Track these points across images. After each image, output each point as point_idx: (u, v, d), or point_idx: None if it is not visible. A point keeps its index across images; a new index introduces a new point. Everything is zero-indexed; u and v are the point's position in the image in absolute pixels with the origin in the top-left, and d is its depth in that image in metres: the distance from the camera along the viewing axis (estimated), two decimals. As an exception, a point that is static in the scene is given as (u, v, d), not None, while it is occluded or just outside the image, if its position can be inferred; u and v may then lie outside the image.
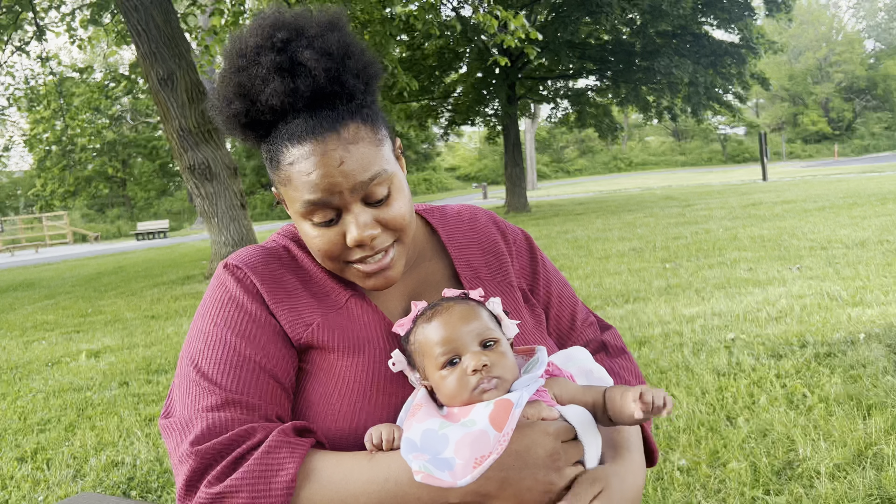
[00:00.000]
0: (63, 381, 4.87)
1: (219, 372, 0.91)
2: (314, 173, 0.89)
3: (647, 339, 4.43)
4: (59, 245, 31.80)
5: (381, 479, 0.83)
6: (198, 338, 0.96)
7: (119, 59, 38.38)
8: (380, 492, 0.82)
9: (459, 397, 0.88)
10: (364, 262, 0.96)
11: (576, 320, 1.20)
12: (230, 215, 9.42)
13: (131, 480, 2.99)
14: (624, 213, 15.64)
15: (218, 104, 0.95)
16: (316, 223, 0.94)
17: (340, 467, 0.85)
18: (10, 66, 14.74)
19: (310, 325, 0.97)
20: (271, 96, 0.89)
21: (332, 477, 0.84)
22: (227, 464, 0.83)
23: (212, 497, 0.82)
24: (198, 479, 0.84)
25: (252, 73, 0.90)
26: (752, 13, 17.93)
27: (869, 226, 8.84)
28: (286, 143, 0.91)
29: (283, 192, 0.96)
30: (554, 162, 61.41)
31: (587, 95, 22.06)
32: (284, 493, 0.81)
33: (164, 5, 8.90)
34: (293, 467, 0.83)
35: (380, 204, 0.94)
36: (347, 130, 0.91)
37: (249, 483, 0.82)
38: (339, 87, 0.92)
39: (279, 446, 0.84)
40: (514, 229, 1.22)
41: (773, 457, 2.58)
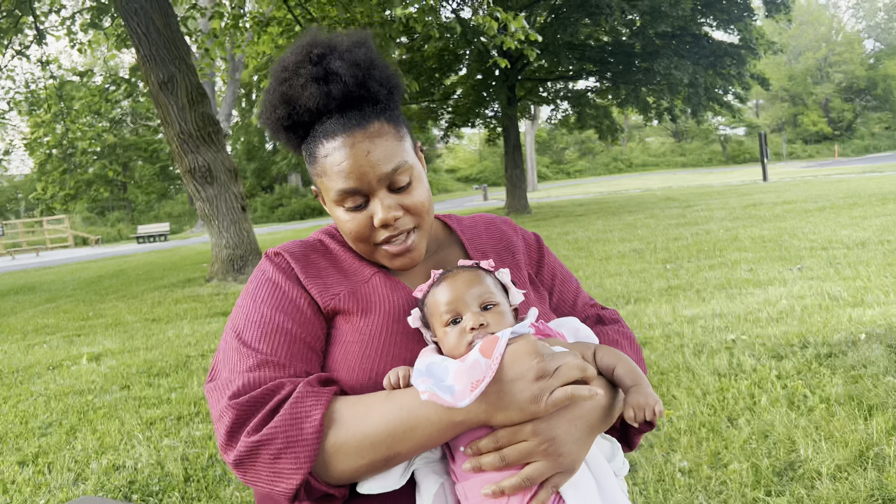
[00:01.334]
0: (64, 385, 4.87)
1: (255, 339, 1.04)
2: (345, 163, 1.06)
3: (648, 340, 4.43)
4: (60, 248, 31.81)
5: (396, 407, 0.94)
6: (239, 313, 1.11)
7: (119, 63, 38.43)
8: (396, 418, 0.93)
9: (457, 350, 0.98)
10: (390, 243, 1.11)
11: (577, 303, 1.32)
12: (231, 218, 9.43)
13: (132, 484, 2.99)
14: (624, 214, 15.64)
15: (265, 112, 1.13)
16: (348, 209, 1.09)
17: (360, 405, 0.96)
18: (11, 70, 14.68)
19: (337, 295, 1.11)
20: (308, 100, 1.07)
21: (354, 415, 0.95)
22: (264, 415, 0.94)
23: (252, 445, 0.93)
24: (238, 430, 0.95)
25: (293, 83, 1.08)
26: (752, 14, 17.93)
27: (869, 226, 8.83)
28: (321, 139, 1.08)
29: (320, 183, 1.12)
30: (554, 163, 61.41)
31: (587, 97, 22.06)
32: (314, 436, 0.92)
33: (164, 9, 8.91)
34: (319, 413, 0.93)
35: (402, 191, 1.10)
36: (373, 127, 1.07)
37: (283, 430, 0.92)
38: (366, 92, 1.09)
39: (305, 396, 0.95)
40: (526, 230, 1.38)
41: (774, 458, 2.58)
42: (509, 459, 0.91)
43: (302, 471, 0.91)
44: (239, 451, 0.93)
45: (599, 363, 1.02)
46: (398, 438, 0.92)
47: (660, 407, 0.94)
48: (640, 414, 0.94)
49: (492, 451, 0.92)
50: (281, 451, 0.92)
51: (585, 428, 0.95)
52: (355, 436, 0.93)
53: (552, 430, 0.91)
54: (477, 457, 0.93)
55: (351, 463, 0.93)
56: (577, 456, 0.94)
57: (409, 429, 0.92)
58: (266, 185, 47.13)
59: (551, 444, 0.91)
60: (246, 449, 0.93)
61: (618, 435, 1.13)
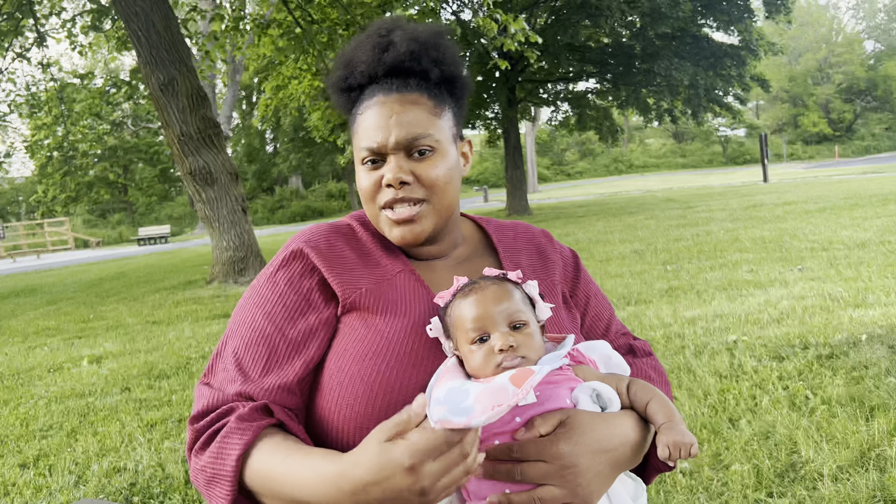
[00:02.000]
0: (65, 387, 4.87)
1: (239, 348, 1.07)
2: (371, 120, 1.08)
3: (649, 342, 4.43)
4: (61, 251, 31.82)
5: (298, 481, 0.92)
6: (238, 312, 1.13)
7: (120, 65, 38.48)
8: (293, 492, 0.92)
9: (484, 371, 0.94)
10: (392, 209, 1.09)
11: (609, 330, 1.27)
12: (231, 220, 9.43)
13: (133, 486, 2.99)
14: (625, 215, 15.64)
15: (331, 72, 1.18)
16: (365, 166, 1.11)
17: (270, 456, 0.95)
18: (12, 73, 14.70)
19: (359, 290, 1.09)
20: (361, 63, 1.12)
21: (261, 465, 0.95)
22: (205, 440, 0.99)
23: (195, 469, 1.00)
24: (191, 450, 1.01)
25: (357, 50, 1.13)
26: (752, 15, 17.94)
27: (870, 227, 8.83)
28: (364, 100, 1.12)
29: (354, 146, 1.14)
30: (555, 165, 61.42)
31: (587, 98, 22.07)
32: (232, 474, 0.94)
33: (165, 11, 8.92)
34: (236, 453, 0.95)
35: (421, 158, 1.08)
36: (411, 96, 1.09)
37: (211, 463, 0.97)
38: (416, 65, 1.10)
39: (231, 433, 0.97)
40: (563, 246, 1.34)
41: (775, 459, 2.58)
42: (526, 476, 0.89)
43: (227, 500, 0.95)
44: (191, 469, 1.01)
45: (633, 398, 0.99)
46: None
47: (696, 448, 0.90)
48: (675, 452, 0.90)
49: (508, 463, 0.90)
50: (211, 479, 0.97)
51: (610, 462, 0.92)
52: (265, 485, 0.94)
53: (575, 458, 0.89)
54: (492, 463, 0.90)
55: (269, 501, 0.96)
56: (595, 489, 0.91)
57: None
58: (266, 187, 47.14)
59: (571, 472, 0.88)
60: (193, 470, 1.00)
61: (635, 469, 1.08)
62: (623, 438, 0.94)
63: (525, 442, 0.89)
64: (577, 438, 0.89)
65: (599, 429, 0.92)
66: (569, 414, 0.91)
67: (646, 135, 65.51)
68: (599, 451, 0.91)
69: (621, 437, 0.94)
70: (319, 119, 17.23)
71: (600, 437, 0.92)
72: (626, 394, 0.99)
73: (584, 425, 0.91)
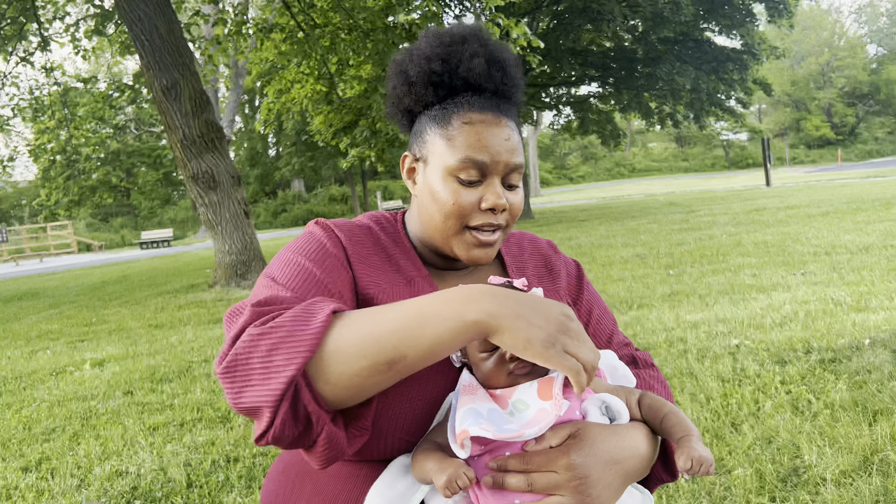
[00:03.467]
0: (67, 391, 4.88)
1: (290, 280, 1.02)
2: (484, 135, 1.07)
3: (652, 346, 4.42)
4: (64, 254, 31.88)
5: (406, 303, 0.89)
6: (276, 263, 1.08)
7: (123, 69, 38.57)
8: (405, 315, 0.87)
9: (495, 380, 0.95)
10: (482, 231, 1.10)
11: (612, 341, 1.28)
12: (234, 224, 9.44)
13: (135, 490, 2.99)
14: (627, 219, 15.63)
15: (415, 60, 1.12)
16: (462, 180, 1.08)
17: (371, 308, 0.91)
18: (15, 77, 14.73)
19: (378, 284, 1.09)
20: (472, 70, 1.09)
21: (364, 314, 0.90)
22: (277, 313, 0.89)
23: (254, 337, 0.85)
24: (243, 329, 0.88)
25: (459, 49, 1.10)
26: (754, 19, 17.96)
27: (873, 231, 8.82)
28: (467, 107, 1.09)
29: (441, 147, 1.10)
30: (557, 169, 61.44)
31: (589, 102, 22.11)
32: (319, 327, 0.85)
33: (168, 15, 8.94)
34: (330, 308, 0.89)
35: (510, 189, 1.11)
36: (511, 123, 1.11)
37: (290, 321, 0.86)
38: (514, 94, 1.15)
39: (321, 299, 0.92)
40: (567, 257, 1.36)
41: (778, 464, 2.57)
42: (536, 486, 0.88)
43: (296, 361, 0.82)
44: (238, 345, 0.85)
45: (646, 411, 0.99)
46: (405, 337, 0.85)
47: (713, 467, 0.90)
48: (696, 466, 0.89)
49: (519, 473, 0.89)
50: (280, 340, 0.83)
51: (621, 474, 0.93)
52: (360, 332, 0.86)
53: (587, 469, 0.88)
54: (502, 474, 0.90)
55: (352, 363, 0.85)
56: (605, 501, 0.91)
57: (418, 327, 0.85)
58: (269, 190, 47.19)
59: (582, 483, 0.88)
60: (246, 341, 0.85)
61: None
62: (633, 450, 0.95)
63: (536, 453, 0.89)
64: (587, 450, 0.89)
65: (610, 440, 0.93)
66: (579, 426, 0.91)
67: (648, 139, 65.53)
68: (610, 462, 0.91)
69: (631, 449, 0.95)
70: (322, 123, 17.23)
71: (611, 448, 0.92)
72: (638, 407, 0.99)
73: (594, 437, 0.91)
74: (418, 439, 1.02)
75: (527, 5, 17.44)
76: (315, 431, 0.86)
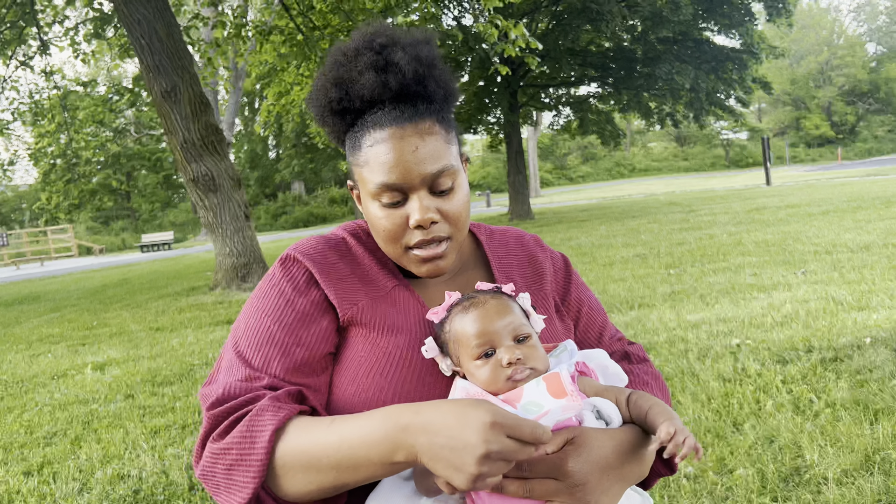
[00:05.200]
0: (69, 395, 4.88)
1: (250, 351, 1.02)
2: (390, 155, 1.01)
3: (653, 346, 4.42)
4: (64, 258, 31.88)
5: (336, 442, 0.90)
6: (242, 320, 1.08)
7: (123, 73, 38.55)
8: (339, 454, 0.89)
9: (494, 385, 0.94)
10: (421, 248, 1.05)
11: (603, 336, 1.27)
12: (234, 226, 9.44)
13: (137, 493, 2.99)
14: (628, 219, 15.63)
15: (316, 94, 1.10)
16: (384, 204, 1.04)
17: (313, 431, 0.92)
18: (15, 81, 14.72)
19: (356, 304, 1.07)
20: (363, 87, 1.04)
21: (303, 440, 0.91)
22: (228, 424, 0.93)
23: (214, 453, 0.93)
24: (207, 438, 0.95)
25: (350, 67, 1.05)
26: (753, 18, 17.95)
27: (873, 229, 8.81)
28: (369, 128, 1.04)
29: (359, 175, 1.07)
30: (557, 169, 61.41)
31: (589, 102, 22.09)
32: (263, 453, 0.89)
33: (167, 18, 8.95)
34: (270, 430, 0.90)
35: (443, 195, 1.05)
36: (424, 124, 1.03)
37: (238, 443, 0.91)
38: (423, 90, 1.06)
39: (264, 411, 0.93)
40: (554, 251, 1.32)
41: (780, 463, 2.57)
42: (535, 493, 0.88)
43: (251, 485, 0.89)
44: (204, 458, 0.94)
45: (632, 408, 0.99)
46: (343, 471, 0.89)
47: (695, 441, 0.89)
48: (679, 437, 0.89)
49: (518, 479, 0.89)
50: (235, 462, 0.91)
51: (619, 479, 0.93)
52: (301, 461, 0.90)
53: (585, 475, 0.89)
54: (502, 481, 0.89)
55: (300, 486, 0.91)
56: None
57: (353, 466, 0.88)
58: (269, 193, 47.21)
59: (580, 490, 0.88)
60: (209, 456, 0.93)
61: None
62: (630, 454, 0.95)
63: (534, 459, 0.89)
64: (585, 456, 0.89)
65: (607, 445, 0.92)
66: (576, 432, 0.91)
67: (648, 138, 65.52)
68: (607, 467, 0.91)
69: (629, 453, 0.95)
70: (321, 125, 17.24)
71: (608, 453, 0.92)
72: (626, 406, 0.99)
73: (592, 442, 0.91)
74: None
75: (525, 6, 17.43)
76: None
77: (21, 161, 36.44)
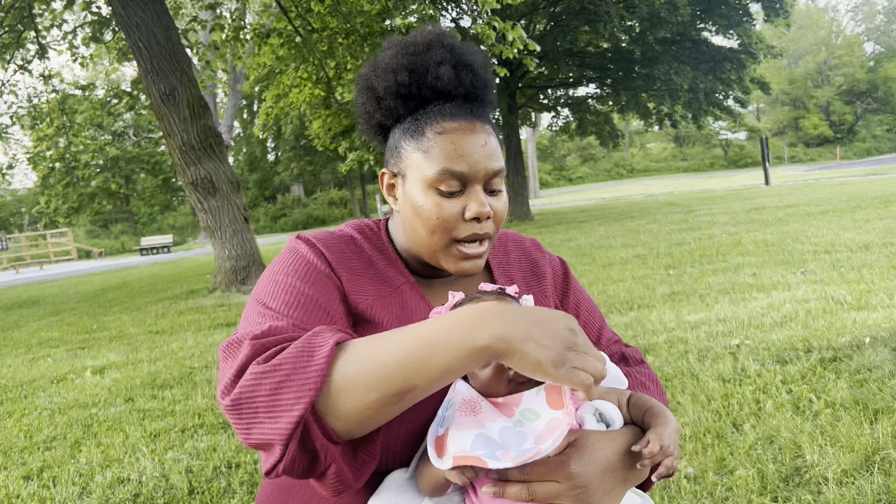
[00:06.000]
0: (68, 398, 4.88)
1: (283, 305, 0.99)
2: (462, 144, 1.04)
3: (652, 347, 4.42)
4: (64, 261, 31.87)
5: (405, 335, 0.87)
6: (264, 284, 1.05)
7: (121, 76, 38.62)
8: (411, 348, 0.85)
9: (494, 388, 0.94)
10: (468, 245, 1.07)
11: (601, 339, 1.28)
12: (233, 229, 9.44)
13: (137, 497, 2.98)
14: (627, 219, 15.64)
15: (381, 74, 1.10)
16: (442, 192, 1.05)
17: (377, 338, 0.89)
18: (13, 85, 14.75)
19: (366, 298, 1.08)
20: (439, 78, 1.06)
21: (369, 346, 0.87)
22: (278, 348, 0.87)
23: (257, 374, 0.83)
24: (247, 365, 0.86)
25: (425, 57, 1.07)
26: (751, 18, 17.98)
27: (873, 229, 8.82)
28: (439, 116, 1.06)
29: (415, 160, 1.07)
30: (556, 170, 61.46)
31: (587, 103, 22.11)
32: (323, 363, 0.84)
33: (165, 21, 8.96)
34: (332, 341, 0.87)
35: (493, 195, 1.09)
36: (486, 127, 1.08)
37: (293, 358, 0.84)
38: (486, 96, 1.12)
39: (322, 331, 0.90)
40: (552, 255, 1.34)
41: (780, 463, 2.57)
42: (537, 496, 0.89)
43: (304, 400, 0.81)
44: (242, 383, 0.84)
45: (632, 411, 1.00)
46: (414, 368, 0.83)
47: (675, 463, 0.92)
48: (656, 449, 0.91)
49: (520, 483, 0.89)
50: (286, 378, 0.82)
51: (620, 480, 0.93)
52: (368, 365, 0.84)
53: (587, 478, 0.89)
54: (503, 484, 0.90)
55: (361, 398, 0.83)
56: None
57: (427, 357, 0.84)
58: (268, 195, 47.22)
59: (583, 492, 0.88)
60: (251, 378, 0.83)
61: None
62: (632, 456, 0.95)
63: (536, 462, 0.89)
64: (587, 458, 0.90)
65: (608, 448, 0.93)
66: (577, 434, 0.92)
67: (646, 139, 65.58)
68: (609, 470, 0.91)
69: (630, 455, 0.95)
70: (320, 127, 17.27)
71: (609, 455, 0.92)
72: (627, 407, 1.00)
73: (593, 445, 0.91)
74: (412, 451, 1.01)
75: (523, 7, 17.45)
76: (324, 464, 0.86)
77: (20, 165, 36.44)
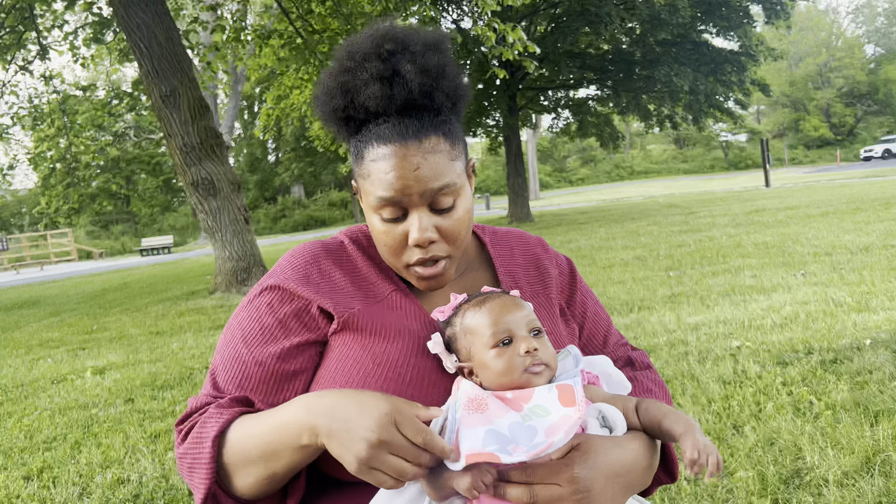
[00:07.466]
0: (68, 399, 4.88)
1: (220, 370, 1.08)
2: (391, 173, 1.00)
3: (653, 349, 4.42)
4: (64, 262, 31.88)
5: (259, 432, 0.95)
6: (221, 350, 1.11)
7: (122, 77, 38.62)
8: (263, 442, 0.94)
9: (509, 376, 0.93)
10: (421, 265, 1.06)
11: (608, 341, 1.26)
12: (234, 230, 9.44)
13: (137, 498, 2.98)
14: (627, 221, 15.64)
15: (322, 98, 1.08)
16: (384, 219, 1.04)
17: (245, 426, 0.97)
18: (14, 86, 14.74)
19: (352, 309, 1.06)
20: (368, 98, 1.02)
21: (238, 437, 0.97)
22: (184, 434, 1.02)
23: (178, 459, 1.02)
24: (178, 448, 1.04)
25: (356, 75, 1.02)
26: (751, 21, 17.98)
27: (873, 230, 8.82)
28: (373, 141, 1.02)
29: (362, 185, 1.07)
30: (556, 171, 61.45)
31: (588, 105, 22.11)
32: (210, 457, 0.95)
33: (166, 22, 8.96)
34: (213, 434, 0.96)
35: (443, 213, 1.04)
36: (429, 141, 1.01)
37: (191, 450, 0.98)
38: (429, 102, 1.03)
39: (208, 419, 0.99)
40: (558, 253, 1.31)
41: (780, 465, 2.57)
42: (539, 499, 0.87)
43: (203, 486, 0.95)
44: (177, 463, 1.04)
45: (643, 416, 0.98)
46: (269, 460, 0.94)
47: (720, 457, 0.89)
48: (703, 456, 0.88)
49: (522, 485, 0.88)
50: (191, 466, 0.98)
51: (623, 486, 0.92)
52: (238, 456, 0.96)
53: (590, 482, 0.88)
54: (504, 484, 0.89)
55: (245, 478, 0.96)
56: None
57: (274, 452, 0.93)
58: (269, 196, 47.22)
59: (586, 496, 0.87)
60: (177, 461, 1.02)
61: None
62: (635, 462, 0.94)
63: (538, 465, 0.88)
64: (591, 462, 0.89)
65: (612, 452, 0.92)
66: (581, 438, 0.91)
67: (647, 141, 65.57)
68: (612, 475, 0.91)
69: (633, 461, 0.94)
70: (321, 128, 17.26)
71: (613, 461, 0.91)
72: (636, 413, 0.98)
73: (597, 449, 0.90)
74: None
75: (524, 9, 17.46)
76: None
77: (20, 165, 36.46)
